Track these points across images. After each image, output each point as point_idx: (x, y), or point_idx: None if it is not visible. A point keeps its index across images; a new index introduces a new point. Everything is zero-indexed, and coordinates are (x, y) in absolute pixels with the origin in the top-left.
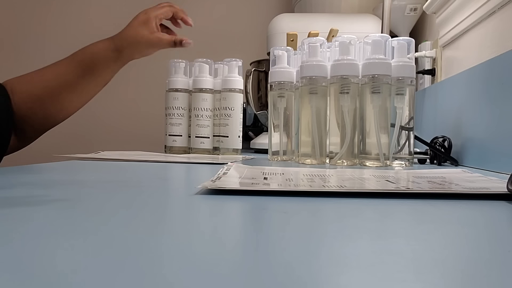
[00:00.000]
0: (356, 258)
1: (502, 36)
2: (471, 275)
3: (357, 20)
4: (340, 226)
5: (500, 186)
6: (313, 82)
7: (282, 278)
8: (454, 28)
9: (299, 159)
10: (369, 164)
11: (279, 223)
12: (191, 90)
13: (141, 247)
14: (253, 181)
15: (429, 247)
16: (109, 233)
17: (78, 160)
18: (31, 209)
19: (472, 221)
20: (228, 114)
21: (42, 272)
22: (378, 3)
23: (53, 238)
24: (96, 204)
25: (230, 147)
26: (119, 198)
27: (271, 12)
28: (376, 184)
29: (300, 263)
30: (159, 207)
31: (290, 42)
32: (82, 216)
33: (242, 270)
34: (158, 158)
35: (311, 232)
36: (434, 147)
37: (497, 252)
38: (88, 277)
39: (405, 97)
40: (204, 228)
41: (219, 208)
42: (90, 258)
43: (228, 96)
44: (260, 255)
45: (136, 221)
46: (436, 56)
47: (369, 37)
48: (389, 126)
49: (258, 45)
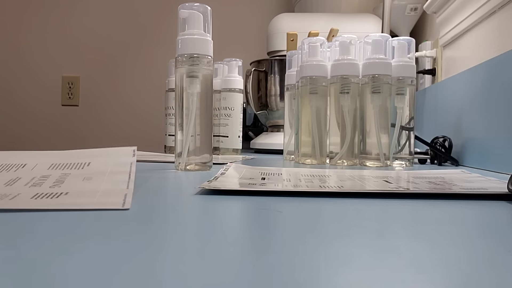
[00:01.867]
0: (355, 258)
1: (502, 36)
2: (471, 275)
3: (357, 19)
4: (339, 226)
5: (499, 186)
6: (313, 82)
7: (282, 278)
8: (455, 28)
9: (299, 159)
10: (370, 164)
11: (278, 223)
12: None
13: (141, 247)
14: (251, 181)
15: (429, 247)
16: (108, 233)
17: None
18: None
19: (472, 221)
20: (228, 114)
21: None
22: (379, 2)
23: (56, 240)
24: None
25: (230, 147)
26: None
27: (271, 12)
28: (376, 184)
29: (300, 263)
30: (159, 207)
31: (290, 42)
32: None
33: (241, 270)
34: (157, 158)
35: (310, 232)
36: (434, 147)
37: (497, 252)
38: (88, 276)
39: (406, 97)
40: (202, 228)
41: (218, 208)
42: (90, 258)
43: (228, 96)
44: (260, 255)
45: (136, 221)
46: (436, 56)
47: (370, 37)
48: (389, 126)
49: (258, 45)
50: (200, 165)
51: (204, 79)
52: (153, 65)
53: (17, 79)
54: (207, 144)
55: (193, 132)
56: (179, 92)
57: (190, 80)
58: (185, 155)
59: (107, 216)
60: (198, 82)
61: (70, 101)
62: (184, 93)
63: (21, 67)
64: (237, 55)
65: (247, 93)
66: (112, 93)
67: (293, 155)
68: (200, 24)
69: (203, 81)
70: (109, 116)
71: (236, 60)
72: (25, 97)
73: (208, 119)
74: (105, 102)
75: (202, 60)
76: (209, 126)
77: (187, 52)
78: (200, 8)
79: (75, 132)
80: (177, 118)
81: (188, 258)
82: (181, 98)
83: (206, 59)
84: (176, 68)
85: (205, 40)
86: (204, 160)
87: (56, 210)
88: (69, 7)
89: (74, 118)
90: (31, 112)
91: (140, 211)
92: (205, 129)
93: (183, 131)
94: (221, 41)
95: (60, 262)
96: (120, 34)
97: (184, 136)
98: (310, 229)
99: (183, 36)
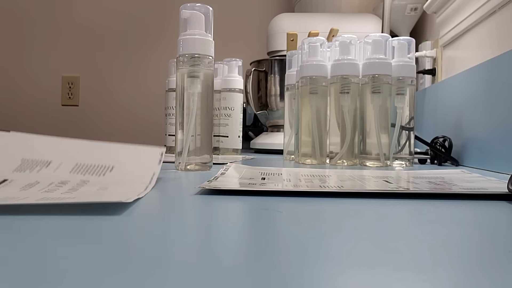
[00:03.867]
0: (355, 258)
1: (502, 36)
2: (471, 275)
3: (357, 19)
4: (339, 226)
5: (499, 186)
6: (313, 82)
7: (282, 279)
8: (455, 28)
9: (299, 159)
10: (370, 164)
11: (278, 223)
12: None
13: (141, 247)
14: (251, 181)
15: (429, 247)
16: (107, 232)
17: None
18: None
19: (472, 221)
20: (228, 114)
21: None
22: (379, 2)
23: (58, 240)
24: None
25: (230, 147)
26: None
27: (271, 12)
28: (376, 184)
29: (300, 263)
30: (159, 207)
31: (290, 42)
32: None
33: (241, 271)
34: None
35: (310, 232)
36: (434, 147)
37: (497, 252)
38: (87, 274)
39: (406, 97)
40: (202, 227)
41: (218, 208)
42: (90, 258)
43: (228, 96)
44: (260, 255)
45: (136, 220)
46: (436, 56)
47: (370, 37)
48: (389, 126)
49: (258, 45)
50: (200, 165)
51: (205, 79)
52: (153, 65)
53: (17, 79)
54: (207, 144)
55: (193, 132)
56: (180, 92)
57: (191, 80)
58: (185, 155)
59: (106, 215)
60: (199, 82)
61: (70, 101)
62: (185, 93)
63: (21, 67)
64: (237, 55)
65: (247, 93)
66: (112, 93)
67: (293, 155)
68: (201, 24)
69: (204, 81)
70: (109, 116)
71: (236, 60)
72: (25, 97)
73: (209, 119)
74: (105, 102)
75: (203, 60)
76: (209, 126)
77: (188, 52)
78: (201, 8)
79: (75, 132)
80: (177, 117)
81: (188, 257)
82: (182, 98)
83: (207, 59)
84: (178, 68)
85: (206, 40)
86: (204, 160)
87: (53, 205)
88: (69, 6)
89: (74, 118)
90: (31, 112)
91: (140, 210)
92: (205, 129)
93: (184, 131)
94: (221, 41)
95: (56, 260)
96: (120, 34)
97: (185, 136)
98: (310, 229)
99: (185, 36)
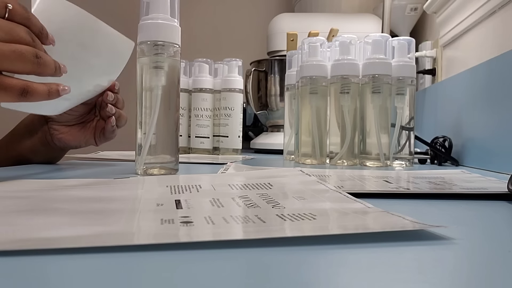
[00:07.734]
0: (355, 259)
1: (502, 36)
2: (471, 275)
3: (357, 19)
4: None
5: (499, 186)
6: (313, 82)
7: (282, 278)
8: (455, 28)
9: (299, 159)
10: (370, 164)
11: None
12: (191, 90)
13: (140, 247)
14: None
15: (429, 247)
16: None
17: (77, 160)
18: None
19: (472, 221)
20: (228, 114)
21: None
22: (379, 2)
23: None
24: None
25: (230, 147)
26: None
27: (271, 12)
28: (376, 184)
29: (300, 263)
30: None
31: (290, 42)
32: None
33: (241, 271)
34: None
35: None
36: (434, 147)
37: (497, 252)
38: (87, 273)
39: (406, 97)
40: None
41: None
42: (89, 259)
43: (228, 96)
44: (260, 255)
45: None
46: (436, 56)
47: (370, 37)
48: (389, 126)
49: (258, 45)
50: (165, 168)
51: (170, 71)
52: None
53: None
54: (171, 146)
55: (155, 130)
56: (140, 86)
57: (154, 71)
58: (144, 157)
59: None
60: (163, 74)
61: None
62: (147, 86)
63: None
64: (237, 55)
65: (247, 93)
66: None
67: (293, 155)
68: (166, 7)
69: (169, 73)
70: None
71: (236, 60)
72: None
73: (174, 118)
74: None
75: (167, 49)
76: (174, 124)
77: (150, 39)
78: None
79: None
80: (137, 115)
81: (188, 258)
82: (141, 92)
83: (172, 48)
84: (138, 58)
85: (172, 25)
86: (167, 161)
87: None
88: None
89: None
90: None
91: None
92: (169, 128)
93: (142, 129)
94: (221, 41)
95: (61, 271)
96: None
97: (146, 136)
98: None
99: (146, 21)
